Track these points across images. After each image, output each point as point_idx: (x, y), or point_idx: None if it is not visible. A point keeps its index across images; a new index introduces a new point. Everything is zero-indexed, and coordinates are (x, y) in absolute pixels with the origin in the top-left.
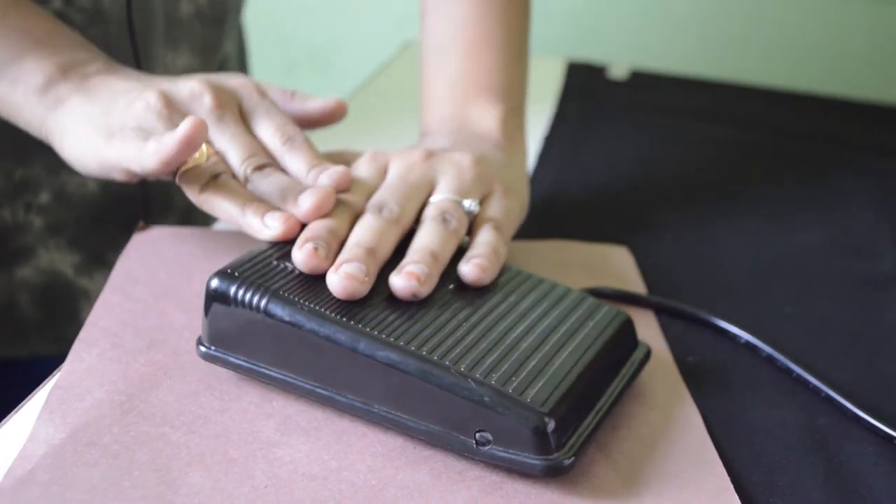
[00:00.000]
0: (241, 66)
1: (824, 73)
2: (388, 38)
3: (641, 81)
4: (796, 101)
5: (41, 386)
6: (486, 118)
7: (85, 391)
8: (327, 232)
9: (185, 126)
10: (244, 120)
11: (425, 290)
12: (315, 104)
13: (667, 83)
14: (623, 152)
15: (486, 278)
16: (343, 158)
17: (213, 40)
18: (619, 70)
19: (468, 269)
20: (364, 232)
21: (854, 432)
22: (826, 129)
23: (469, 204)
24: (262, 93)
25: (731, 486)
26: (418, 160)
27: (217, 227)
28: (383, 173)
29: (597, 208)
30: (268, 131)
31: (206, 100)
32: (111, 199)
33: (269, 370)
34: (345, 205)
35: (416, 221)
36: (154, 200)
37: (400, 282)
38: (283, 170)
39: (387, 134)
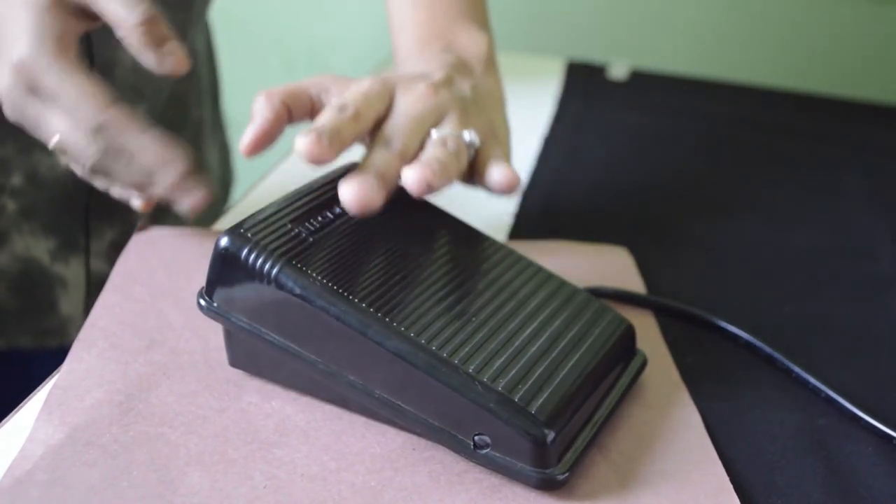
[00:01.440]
0: (210, 64)
1: (824, 73)
2: (386, 38)
3: (641, 81)
4: (796, 101)
5: (41, 386)
6: (474, 44)
7: (84, 391)
8: (330, 126)
9: None
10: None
11: (437, 181)
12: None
13: (667, 83)
14: (623, 152)
15: (505, 176)
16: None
17: (179, 27)
18: (619, 70)
19: (494, 172)
20: (371, 159)
21: (853, 432)
22: (826, 129)
23: (468, 135)
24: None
25: (731, 486)
26: (425, 92)
27: (217, 227)
28: (390, 98)
29: (596, 208)
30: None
31: None
32: (79, 181)
33: (272, 337)
34: (355, 121)
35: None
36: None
37: (412, 172)
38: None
39: None
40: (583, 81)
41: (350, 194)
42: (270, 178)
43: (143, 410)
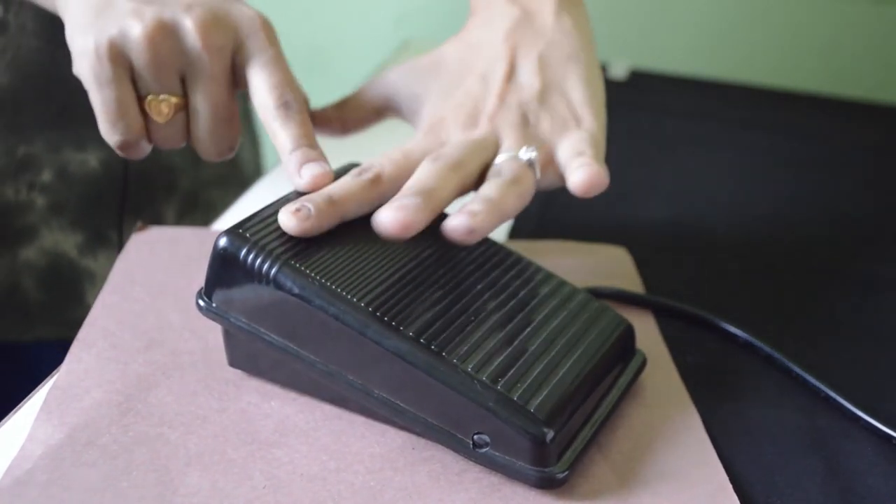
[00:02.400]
0: None
1: (824, 73)
2: (387, 37)
3: (641, 81)
4: (796, 101)
5: (40, 386)
6: None
7: (83, 391)
8: (324, 199)
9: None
10: (239, 63)
11: (479, 225)
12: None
13: (667, 83)
14: (622, 152)
15: (589, 174)
16: (396, 95)
17: None
18: (618, 69)
19: (578, 174)
20: (416, 176)
21: (853, 432)
22: (826, 129)
23: (525, 151)
24: (270, 36)
25: (730, 486)
26: (479, 131)
27: (215, 227)
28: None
29: (596, 208)
30: (262, 87)
31: (190, 30)
32: (112, 177)
33: (270, 337)
34: (375, 186)
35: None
36: (157, 182)
37: (452, 221)
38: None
39: (386, 135)
40: None
41: (386, 220)
42: (270, 177)
43: (143, 410)
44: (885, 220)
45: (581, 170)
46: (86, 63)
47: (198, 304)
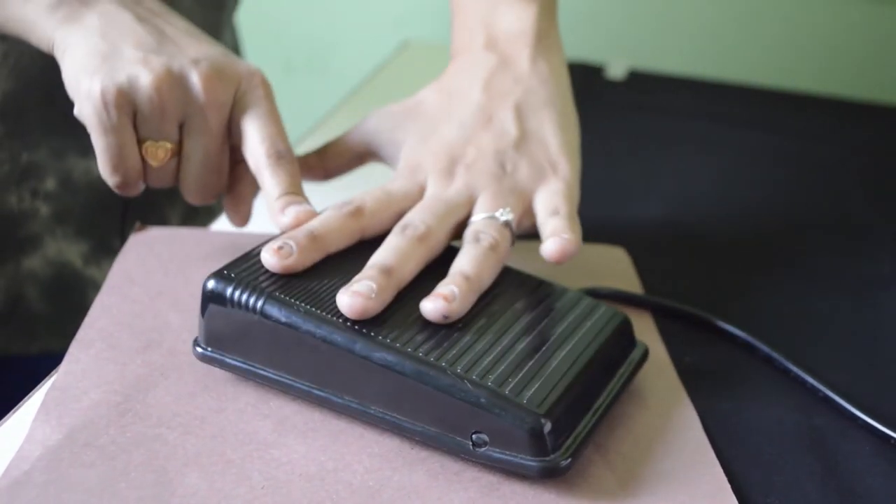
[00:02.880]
0: None
1: (824, 73)
2: (385, 38)
3: (639, 81)
4: (796, 101)
5: (38, 386)
6: (519, 22)
7: (81, 392)
8: (305, 234)
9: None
10: (235, 115)
11: (455, 310)
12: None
13: (665, 83)
14: (620, 152)
15: (562, 248)
16: (377, 137)
17: (213, 26)
18: (616, 70)
19: (550, 246)
20: (382, 252)
21: (851, 432)
22: (826, 129)
23: (501, 213)
24: (267, 91)
25: (728, 486)
26: (457, 178)
27: (214, 227)
28: (420, 192)
29: (594, 208)
30: (256, 136)
31: (196, 83)
32: None
33: (266, 371)
34: (356, 218)
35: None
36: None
37: (428, 305)
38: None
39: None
40: (581, 81)
41: (345, 305)
42: None
43: (141, 411)
44: (885, 221)
45: (554, 240)
46: (91, 107)
47: (194, 350)
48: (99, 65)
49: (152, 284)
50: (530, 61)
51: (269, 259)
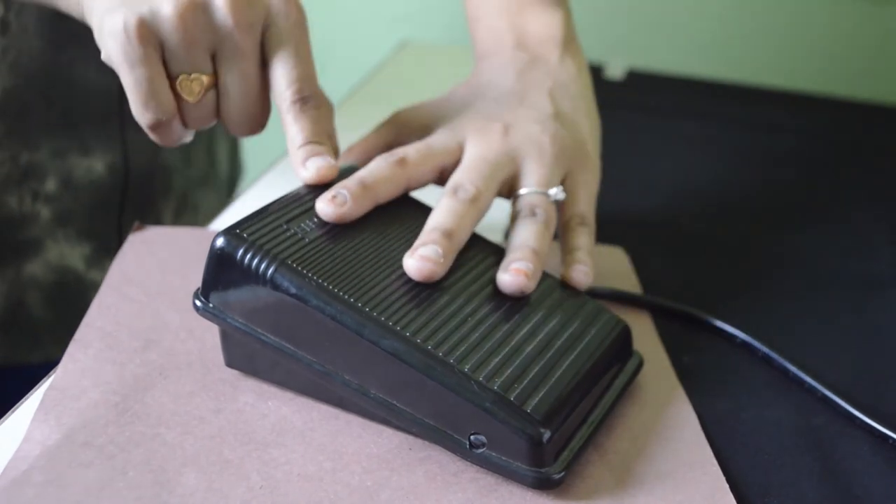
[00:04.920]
0: None
1: (824, 73)
2: (383, 38)
3: (638, 81)
4: (796, 101)
5: (37, 386)
6: (547, 27)
7: (80, 392)
8: (356, 183)
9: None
10: (267, 43)
11: (532, 286)
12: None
13: (663, 83)
14: (619, 152)
15: (586, 283)
16: (407, 128)
17: None
18: (615, 70)
19: (577, 277)
20: (440, 214)
21: (850, 432)
22: (826, 129)
23: (555, 192)
24: (299, 19)
25: (727, 486)
26: (497, 137)
27: (213, 226)
28: (460, 149)
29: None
30: (282, 80)
31: (220, 6)
32: (117, 182)
33: (267, 337)
34: (402, 167)
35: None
36: (156, 182)
37: (508, 277)
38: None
39: None
40: None
41: (412, 269)
42: (267, 177)
43: (140, 411)
44: (884, 221)
45: (576, 273)
46: (116, 43)
47: (195, 304)
48: (120, 3)
49: (151, 284)
50: (560, 60)
51: (325, 208)
